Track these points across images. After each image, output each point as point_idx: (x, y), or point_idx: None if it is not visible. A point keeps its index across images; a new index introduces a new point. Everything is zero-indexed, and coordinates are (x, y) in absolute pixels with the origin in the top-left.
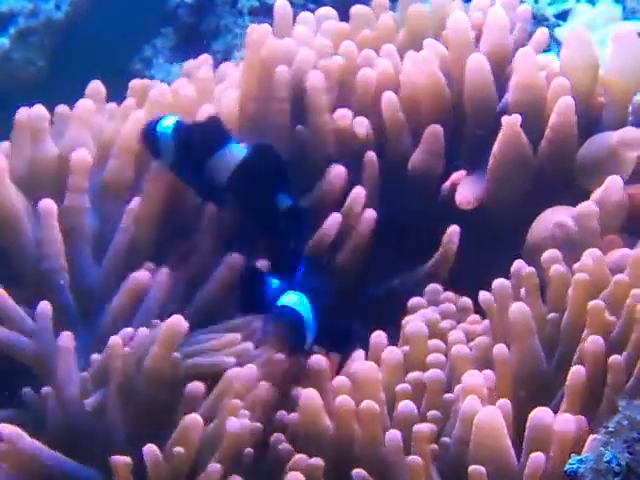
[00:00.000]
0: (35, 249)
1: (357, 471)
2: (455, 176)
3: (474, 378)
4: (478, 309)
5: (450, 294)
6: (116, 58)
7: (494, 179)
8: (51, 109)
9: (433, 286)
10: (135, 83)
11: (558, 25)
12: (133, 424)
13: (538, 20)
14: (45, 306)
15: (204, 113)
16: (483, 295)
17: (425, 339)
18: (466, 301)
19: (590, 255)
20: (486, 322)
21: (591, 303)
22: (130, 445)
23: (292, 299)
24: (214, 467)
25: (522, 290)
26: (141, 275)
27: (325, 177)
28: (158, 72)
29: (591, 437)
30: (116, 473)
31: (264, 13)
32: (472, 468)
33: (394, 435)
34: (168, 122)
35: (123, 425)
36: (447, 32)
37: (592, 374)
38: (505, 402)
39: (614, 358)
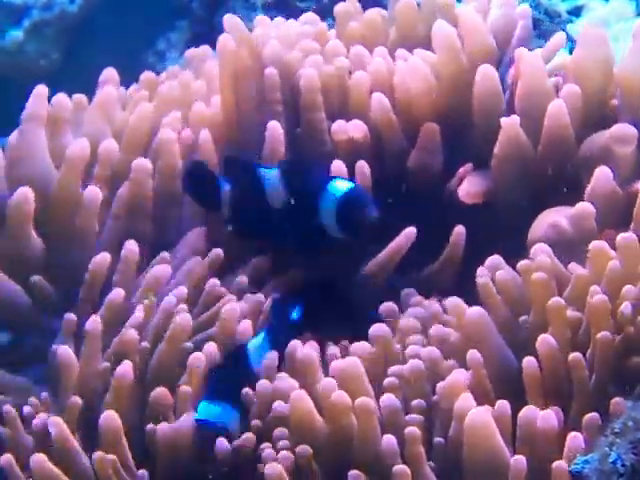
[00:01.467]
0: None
1: (353, 473)
2: (462, 170)
3: (457, 375)
4: None
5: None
6: (130, 51)
7: (496, 179)
8: None
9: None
10: (146, 76)
11: (571, 21)
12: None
13: (551, 16)
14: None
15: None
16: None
17: (389, 341)
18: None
19: (542, 251)
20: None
21: (550, 301)
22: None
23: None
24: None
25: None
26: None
27: None
28: (172, 65)
29: (571, 435)
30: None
31: (276, 7)
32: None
33: (390, 440)
34: None
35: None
36: (433, 42)
37: (548, 370)
38: (503, 403)
39: (575, 356)
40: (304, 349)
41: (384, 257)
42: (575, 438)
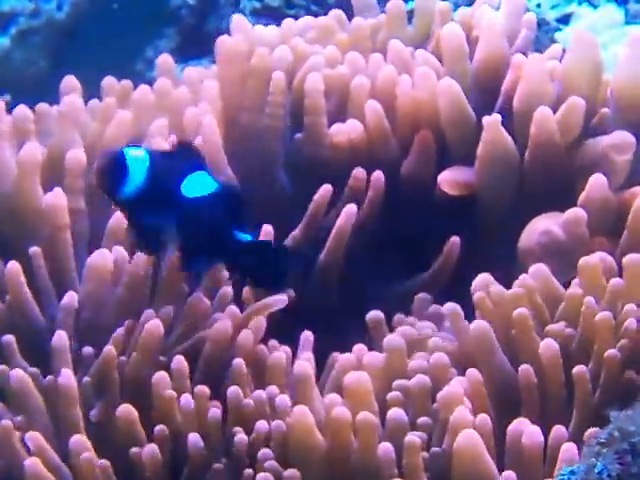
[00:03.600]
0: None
1: None
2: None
3: (454, 387)
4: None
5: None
6: (118, 59)
7: (480, 179)
8: None
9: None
10: (109, 82)
11: (559, 29)
12: None
13: (539, 24)
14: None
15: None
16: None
17: (403, 351)
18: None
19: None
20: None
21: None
22: None
23: None
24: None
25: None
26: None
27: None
28: None
29: (565, 446)
30: None
31: (266, 14)
32: None
33: (387, 448)
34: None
35: None
36: (442, 45)
37: (549, 376)
38: (484, 417)
39: (579, 368)
40: (300, 363)
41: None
42: (568, 450)
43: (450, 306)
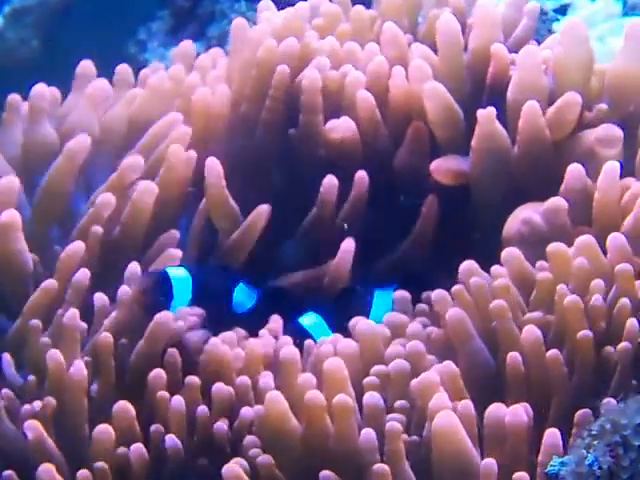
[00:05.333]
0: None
1: (324, 473)
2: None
3: (430, 375)
4: None
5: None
6: (111, 40)
7: (475, 172)
8: None
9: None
10: (123, 69)
11: (557, 20)
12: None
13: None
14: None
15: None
16: (435, 295)
17: (376, 337)
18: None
19: (506, 258)
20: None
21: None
22: None
23: None
24: None
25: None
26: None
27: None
28: (152, 56)
29: (549, 431)
30: None
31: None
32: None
33: (369, 434)
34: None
35: None
36: (437, 38)
37: (532, 362)
38: (466, 402)
39: (552, 352)
40: (286, 348)
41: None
42: (552, 435)
43: (438, 292)
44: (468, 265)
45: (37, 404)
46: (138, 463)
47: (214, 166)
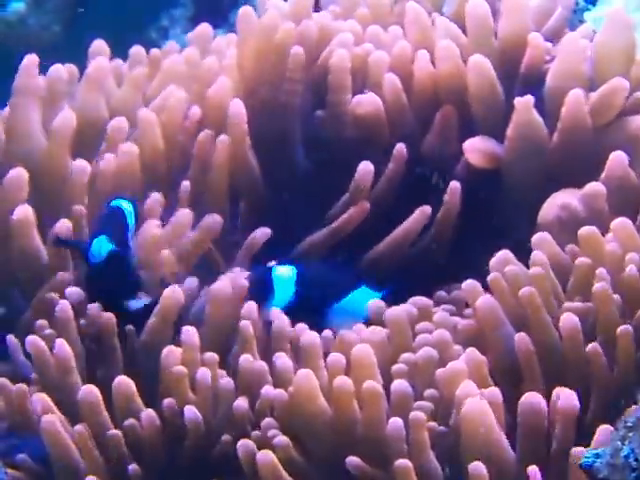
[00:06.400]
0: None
1: (351, 459)
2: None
3: (457, 364)
4: None
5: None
6: (133, 27)
7: (509, 160)
8: None
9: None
10: (137, 51)
11: (588, 9)
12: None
13: None
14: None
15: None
16: (465, 285)
17: (405, 324)
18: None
19: (540, 244)
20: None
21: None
22: None
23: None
24: None
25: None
26: None
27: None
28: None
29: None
30: None
31: None
32: (471, 467)
33: (396, 423)
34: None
35: None
36: (467, 22)
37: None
38: (493, 390)
39: (593, 345)
40: (307, 332)
41: (397, 236)
42: (605, 430)
43: (469, 282)
44: (503, 255)
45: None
46: (150, 430)
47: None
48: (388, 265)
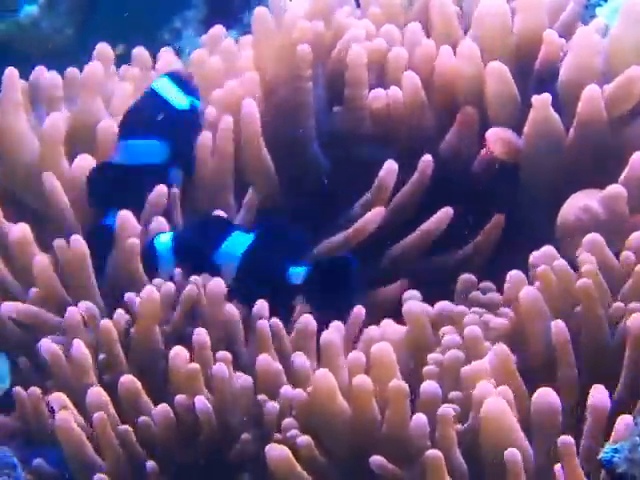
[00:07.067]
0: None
1: (375, 458)
2: (484, 152)
3: (479, 363)
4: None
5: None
6: (145, 28)
7: (527, 158)
8: None
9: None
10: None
11: (600, 5)
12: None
13: None
14: None
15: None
16: (511, 275)
17: (425, 321)
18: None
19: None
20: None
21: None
22: None
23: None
24: None
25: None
26: None
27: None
28: (187, 44)
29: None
30: None
31: None
32: (507, 454)
33: (420, 420)
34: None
35: None
36: (483, 18)
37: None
38: (505, 389)
39: None
40: (328, 332)
41: (417, 237)
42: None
43: (514, 273)
44: (546, 250)
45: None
46: (164, 427)
47: (251, 112)
48: (409, 263)
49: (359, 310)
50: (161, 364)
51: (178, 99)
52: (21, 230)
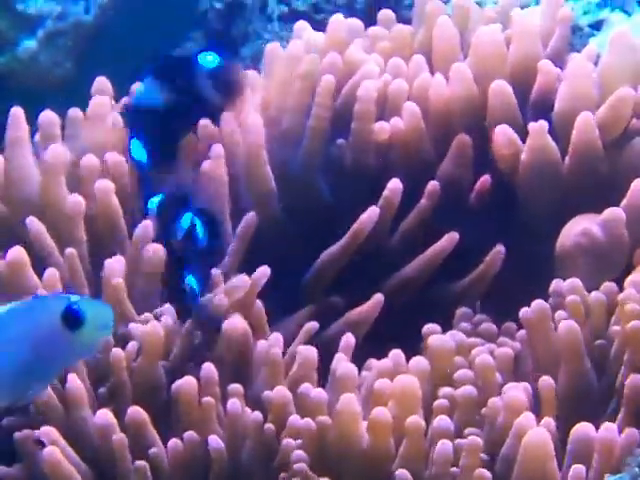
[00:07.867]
0: None
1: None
2: (480, 184)
3: (516, 391)
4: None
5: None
6: (145, 61)
7: (524, 186)
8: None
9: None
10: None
11: (593, 35)
12: None
13: (573, 30)
14: None
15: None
16: (524, 312)
17: (451, 353)
18: (490, 326)
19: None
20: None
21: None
22: None
23: None
24: None
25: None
26: None
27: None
28: None
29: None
30: None
31: (293, 19)
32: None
33: (446, 446)
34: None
35: None
36: (478, 47)
37: None
38: (549, 420)
39: None
40: (343, 363)
41: (422, 261)
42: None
43: (538, 302)
44: (572, 282)
45: None
46: (174, 461)
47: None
48: (412, 291)
49: (349, 338)
50: (161, 395)
51: None
52: (18, 253)
